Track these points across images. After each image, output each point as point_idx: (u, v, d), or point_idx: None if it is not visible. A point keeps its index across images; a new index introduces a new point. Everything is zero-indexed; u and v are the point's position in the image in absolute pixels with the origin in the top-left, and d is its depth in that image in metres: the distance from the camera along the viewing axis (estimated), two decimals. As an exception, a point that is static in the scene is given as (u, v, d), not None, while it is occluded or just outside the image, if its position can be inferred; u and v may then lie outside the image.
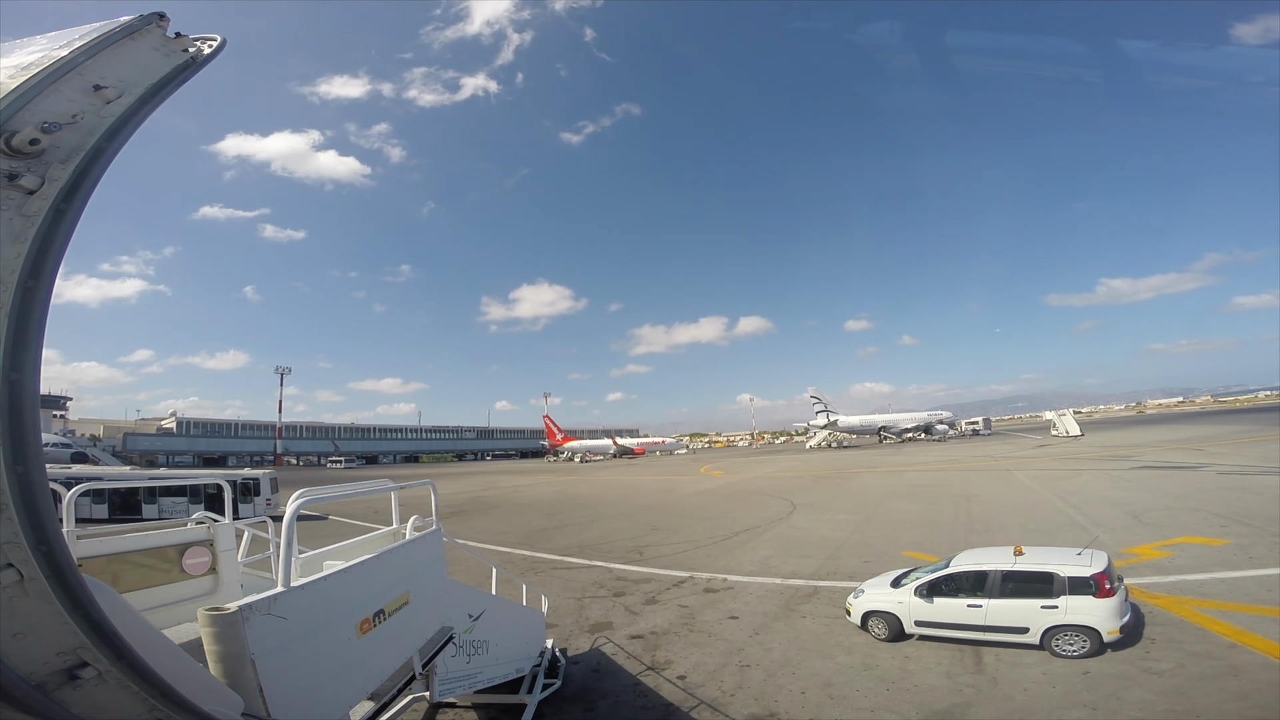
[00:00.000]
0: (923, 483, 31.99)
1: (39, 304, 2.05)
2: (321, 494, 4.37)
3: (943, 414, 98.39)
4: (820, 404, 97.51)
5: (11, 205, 2.06)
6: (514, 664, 7.94)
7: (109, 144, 2.35)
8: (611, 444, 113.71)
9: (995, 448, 58.58)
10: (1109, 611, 8.46)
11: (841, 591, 12.06)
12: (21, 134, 2.08)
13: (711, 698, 8.27)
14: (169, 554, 5.94)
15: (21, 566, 1.98)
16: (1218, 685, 7.51)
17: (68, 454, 51.68)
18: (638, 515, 27.42)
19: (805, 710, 7.76)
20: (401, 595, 4.81)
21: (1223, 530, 15.19)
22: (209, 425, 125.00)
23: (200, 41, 2.87)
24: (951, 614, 9.36)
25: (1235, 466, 27.70)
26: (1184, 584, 11.38)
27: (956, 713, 7.44)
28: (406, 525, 6.15)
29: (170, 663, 2.56)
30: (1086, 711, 7.24)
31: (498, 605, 7.61)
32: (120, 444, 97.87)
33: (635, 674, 9.28)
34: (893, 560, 14.52)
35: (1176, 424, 78.77)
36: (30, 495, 1.99)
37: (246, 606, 3.18)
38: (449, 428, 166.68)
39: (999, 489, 26.91)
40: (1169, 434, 56.78)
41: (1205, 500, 19.46)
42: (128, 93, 2.49)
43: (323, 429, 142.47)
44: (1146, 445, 45.30)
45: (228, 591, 6.24)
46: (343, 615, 4.01)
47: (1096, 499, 21.73)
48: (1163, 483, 24.54)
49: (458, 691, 6.63)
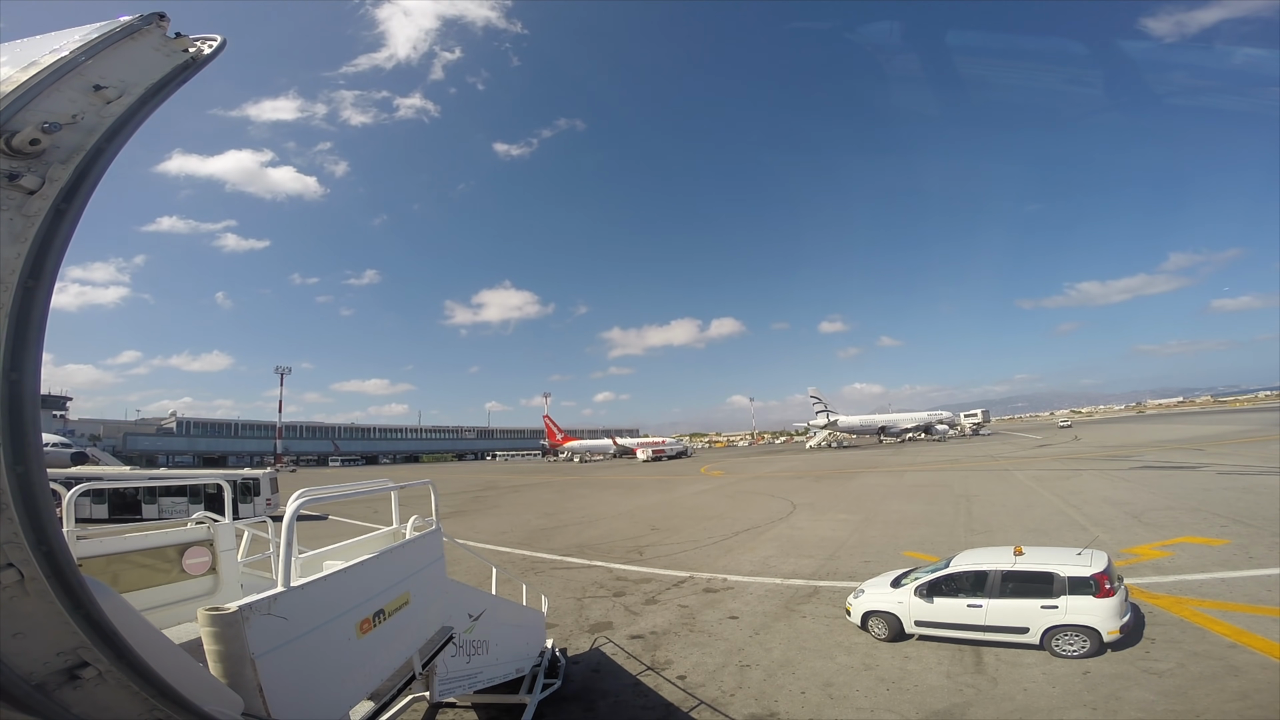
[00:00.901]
0: (923, 482, 31.99)
1: (39, 304, 2.04)
2: (321, 494, 4.36)
3: (942, 414, 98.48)
4: (820, 404, 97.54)
5: (12, 205, 2.06)
6: (514, 664, 7.93)
7: (109, 144, 2.35)
8: (611, 444, 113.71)
9: (995, 447, 58.58)
10: (1109, 611, 8.46)
11: (841, 591, 12.07)
12: (22, 134, 2.08)
13: (711, 698, 8.27)
14: (169, 554, 5.94)
15: (22, 566, 1.98)
16: (1218, 685, 7.51)
17: (68, 454, 51.51)
18: (638, 515, 27.42)
19: (805, 710, 7.76)
20: (401, 595, 4.80)
21: (1223, 530, 15.19)
22: (209, 425, 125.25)
23: (200, 41, 2.87)
24: (951, 614, 9.35)
25: (1235, 466, 27.70)
26: (1184, 584, 11.38)
27: (956, 713, 7.44)
28: (406, 525, 6.15)
29: (170, 663, 2.56)
30: (1086, 711, 7.23)
31: (498, 605, 7.60)
32: (120, 444, 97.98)
33: (635, 674, 9.28)
34: (893, 560, 14.53)
35: (1176, 424, 78.70)
36: (30, 495, 1.99)
37: (246, 606, 3.18)
38: (449, 428, 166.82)
39: (999, 489, 26.90)
40: (1169, 434, 56.77)
41: (1205, 500, 19.47)
42: (128, 93, 2.49)
43: (323, 429, 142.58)
44: (1146, 445, 45.29)
45: (228, 591, 6.24)
46: (343, 615, 4.00)
47: (1096, 499, 21.72)
48: (1163, 483, 24.54)
49: (458, 691, 6.63)
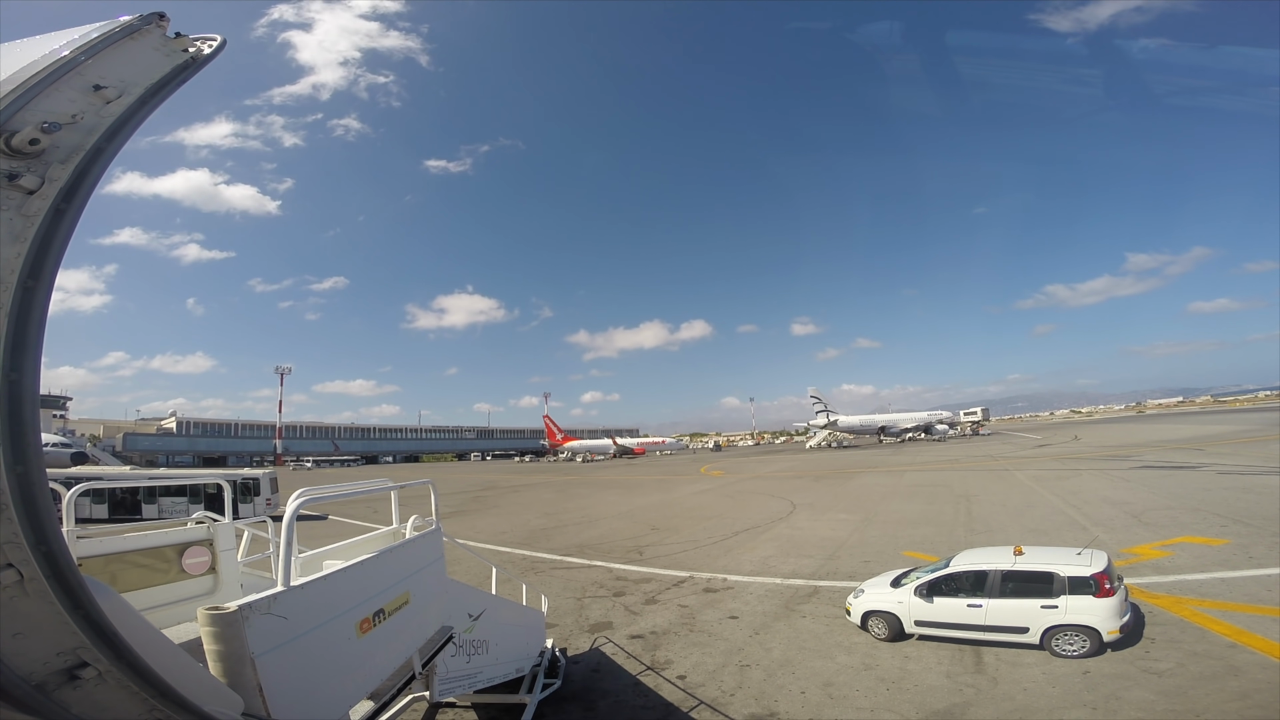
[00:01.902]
0: (923, 482, 31.98)
1: (39, 304, 2.04)
2: (321, 494, 4.36)
3: (942, 413, 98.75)
4: (820, 404, 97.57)
5: (11, 205, 2.06)
6: (514, 664, 7.94)
7: (109, 144, 2.35)
8: (612, 444, 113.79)
9: (995, 447, 58.57)
10: (1109, 611, 8.46)
11: (841, 591, 12.07)
12: (21, 134, 2.08)
13: (711, 697, 8.27)
14: (169, 554, 5.94)
15: (21, 566, 1.98)
16: (1218, 685, 7.51)
17: (68, 454, 51.56)
18: (637, 515, 27.42)
19: (805, 710, 7.76)
20: (401, 595, 4.80)
21: (1223, 530, 15.19)
22: (209, 425, 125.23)
23: (200, 41, 2.87)
24: (951, 614, 9.35)
25: (1235, 466, 27.69)
26: (1184, 584, 11.38)
27: (956, 712, 7.44)
28: (406, 525, 6.15)
29: (170, 663, 2.56)
30: (1086, 711, 7.24)
31: (498, 605, 7.60)
32: (120, 444, 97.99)
33: (635, 674, 9.28)
34: (893, 560, 14.53)
35: (1176, 423, 78.70)
36: (30, 495, 1.99)
37: (246, 606, 3.17)
38: (449, 428, 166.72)
39: (999, 489, 26.90)
40: (1169, 434, 56.76)
41: (1205, 500, 19.46)
42: (128, 93, 2.49)
43: (323, 429, 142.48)
44: (1146, 445, 45.28)
45: (227, 591, 6.24)
46: (342, 615, 4.00)
47: (1096, 499, 21.72)
48: (1163, 482, 24.53)
49: (458, 691, 6.63)
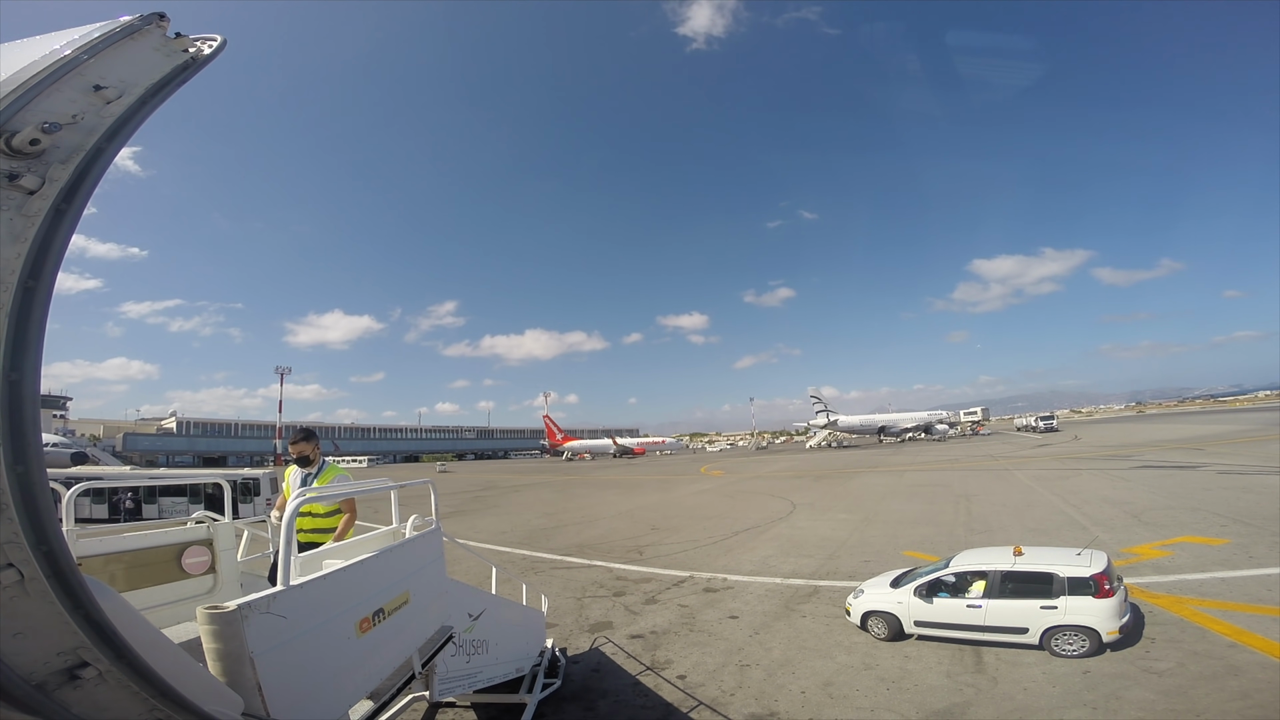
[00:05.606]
0: (923, 482, 31.98)
1: (39, 304, 2.04)
2: (321, 493, 4.37)
3: (942, 413, 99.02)
4: (820, 404, 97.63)
5: (11, 205, 2.06)
6: (514, 663, 7.93)
7: (109, 144, 2.34)
8: (612, 444, 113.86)
9: (995, 447, 58.60)
10: (1108, 611, 8.47)
11: (841, 591, 12.07)
12: (22, 134, 2.07)
13: (711, 697, 8.27)
14: (168, 553, 5.94)
15: (21, 566, 1.98)
16: (1218, 685, 7.51)
17: (68, 454, 51.52)
18: (637, 515, 27.41)
19: (805, 710, 7.76)
20: (401, 594, 4.80)
21: (1223, 530, 15.18)
22: (209, 425, 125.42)
23: (200, 41, 2.86)
24: (951, 614, 9.36)
25: (1235, 466, 27.69)
26: (1184, 584, 11.38)
27: (956, 712, 7.45)
28: (406, 524, 6.15)
29: (170, 662, 2.55)
30: (1087, 711, 7.24)
31: (498, 605, 7.60)
32: (120, 444, 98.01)
33: (635, 674, 9.28)
34: (893, 560, 14.53)
35: (1176, 423, 78.70)
36: (30, 495, 1.98)
37: (246, 605, 3.16)
38: (449, 428, 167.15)
39: (999, 488, 26.89)
40: (1168, 434, 56.76)
41: (1205, 500, 19.46)
42: (128, 93, 2.49)
43: (323, 429, 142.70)
44: (1146, 445, 45.29)
45: (227, 591, 6.24)
46: (342, 614, 4.00)
47: (1096, 498, 21.72)
48: (1163, 482, 24.53)
49: (457, 691, 6.63)
